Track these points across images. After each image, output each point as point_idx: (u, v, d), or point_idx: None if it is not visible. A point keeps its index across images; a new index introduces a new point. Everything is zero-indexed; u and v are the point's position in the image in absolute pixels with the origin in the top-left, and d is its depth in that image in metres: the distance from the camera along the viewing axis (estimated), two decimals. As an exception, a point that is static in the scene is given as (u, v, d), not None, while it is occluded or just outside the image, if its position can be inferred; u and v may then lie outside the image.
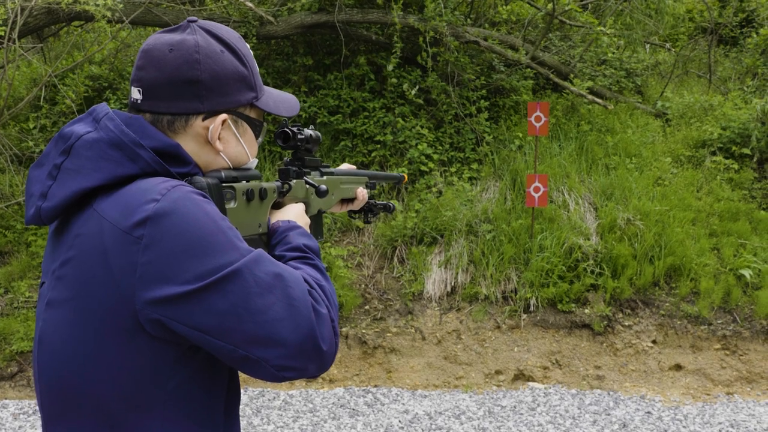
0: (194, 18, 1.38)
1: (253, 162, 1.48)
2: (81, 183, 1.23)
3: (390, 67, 6.70)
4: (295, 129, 1.67)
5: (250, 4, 6.66)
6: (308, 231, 1.54)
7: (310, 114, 6.94)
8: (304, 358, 1.18)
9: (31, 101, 6.57)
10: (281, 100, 1.51)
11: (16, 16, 6.00)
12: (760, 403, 5.03)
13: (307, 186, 1.70)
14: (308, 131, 1.70)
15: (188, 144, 1.34)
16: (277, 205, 1.60)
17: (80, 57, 7.12)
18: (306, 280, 1.26)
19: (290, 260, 1.38)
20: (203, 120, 1.34)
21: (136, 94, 1.32)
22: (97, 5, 5.81)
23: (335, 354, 1.23)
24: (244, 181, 1.44)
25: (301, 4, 7.04)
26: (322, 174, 1.84)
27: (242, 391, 5.16)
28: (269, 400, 5.05)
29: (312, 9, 6.98)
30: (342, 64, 7.08)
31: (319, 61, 7.41)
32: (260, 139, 1.48)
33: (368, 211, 2.02)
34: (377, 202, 2.04)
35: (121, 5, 6.23)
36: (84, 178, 1.23)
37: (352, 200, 2.01)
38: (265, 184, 1.49)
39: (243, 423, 4.72)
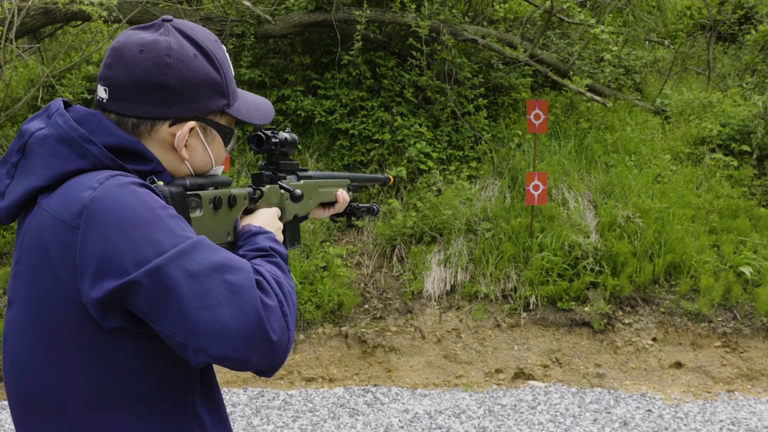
0: (169, 17, 1.33)
1: (218, 169, 1.42)
2: (33, 182, 1.22)
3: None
4: (269, 132, 1.61)
5: (247, 3, 6.65)
6: (279, 237, 1.49)
7: (308, 113, 6.92)
8: (247, 347, 1.11)
9: (29, 102, 6.54)
10: (254, 107, 1.45)
11: (13, 16, 5.98)
12: (761, 401, 5.01)
13: (282, 191, 1.64)
14: (283, 134, 1.65)
15: (152, 149, 1.30)
16: (249, 211, 1.54)
17: (77, 57, 7.10)
18: (259, 272, 1.21)
19: (253, 258, 1.33)
20: (170, 126, 1.30)
21: (102, 92, 1.28)
22: (93, 4, 5.79)
23: (287, 349, 1.17)
24: (212, 188, 1.39)
25: (298, 3, 7.03)
26: (299, 178, 1.77)
27: (241, 390, 5.15)
28: (269, 400, 5.04)
29: (309, 8, 6.97)
30: (339, 63, 7.07)
31: (316, 60, 7.39)
32: (230, 146, 1.43)
33: (351, 214, 1.98)
34: (360, 204, 2.00)
35: (115, 2, 6.19)
36: (35, 177, 1.21)
37: (333, 204, 1.95)
38: (234, 191, 1.44)
39: (242, 423, 4.71)
